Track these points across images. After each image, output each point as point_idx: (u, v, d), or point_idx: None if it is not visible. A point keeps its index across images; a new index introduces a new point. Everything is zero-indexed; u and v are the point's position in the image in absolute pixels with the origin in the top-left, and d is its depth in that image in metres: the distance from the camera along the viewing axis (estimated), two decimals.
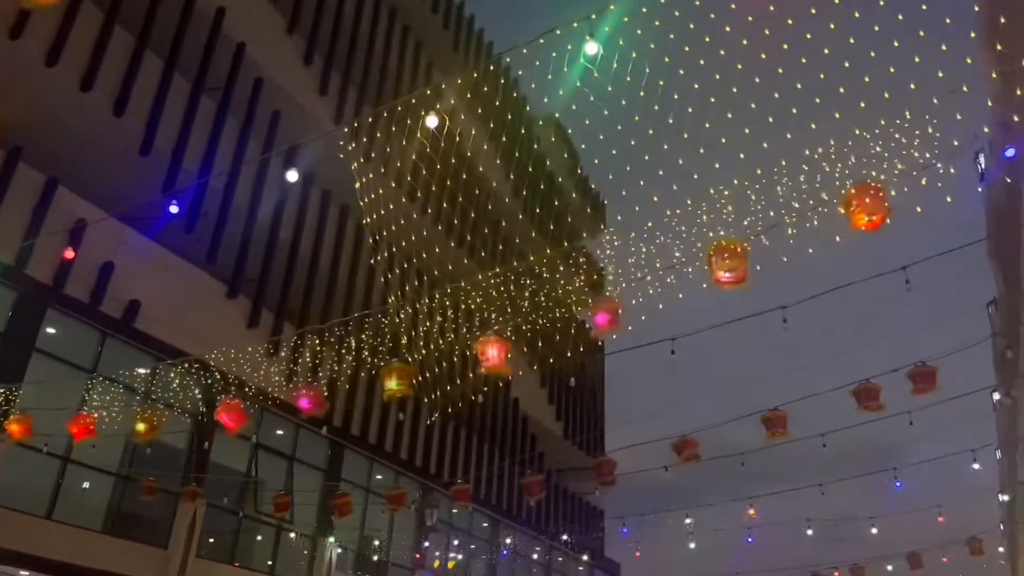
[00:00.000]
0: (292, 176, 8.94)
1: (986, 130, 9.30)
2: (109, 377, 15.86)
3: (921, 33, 7.92)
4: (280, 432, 20.60)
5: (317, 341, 21.10)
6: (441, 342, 26.09)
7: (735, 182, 8.14)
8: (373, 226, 24.91)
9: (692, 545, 17.45)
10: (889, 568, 19.96)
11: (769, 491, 16.70)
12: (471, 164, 26.39)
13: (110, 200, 14.71)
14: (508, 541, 29.35)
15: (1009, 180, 8.50)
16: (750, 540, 17.18)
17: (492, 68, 16.88)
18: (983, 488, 19.26)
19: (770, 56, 8.52)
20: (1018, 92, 8.16)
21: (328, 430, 21.82)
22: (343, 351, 21.65)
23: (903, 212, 7.58)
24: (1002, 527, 22.87)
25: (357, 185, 19.18)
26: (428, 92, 9.05)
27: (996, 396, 19.71)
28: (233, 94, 19.63)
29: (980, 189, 9.26)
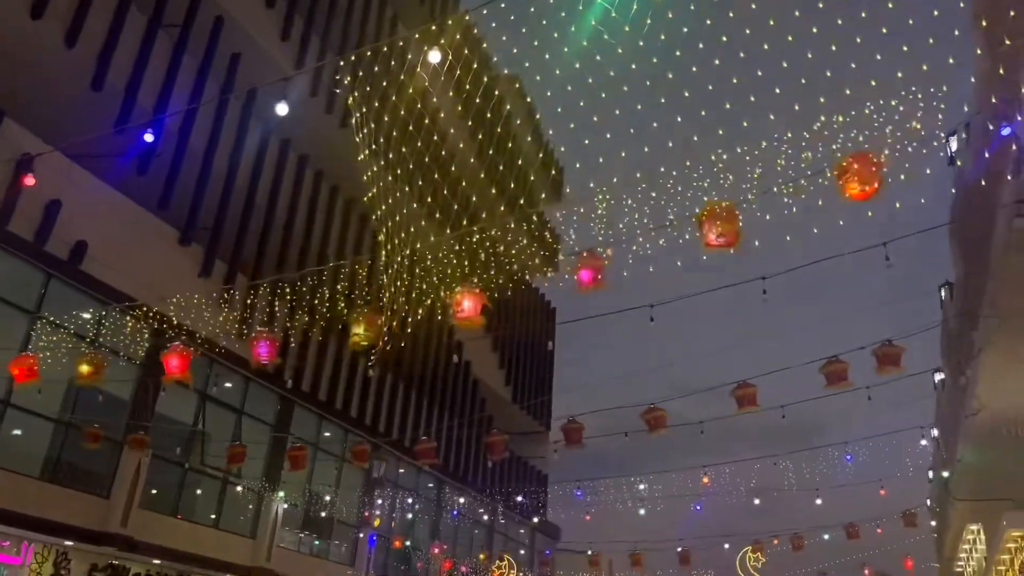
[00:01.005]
0: (282, 109, 8.46)
1: (966, 108, 9.38)
2: (53, 320, 15.25)
3: (910, 21, 7.92)
4: (229, 385, 20.14)
5: (270, 293, 20.64)
6: (397, 302, 25.82)
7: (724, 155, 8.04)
8: (331, 178, 24.45)
9: (642, 512, 17.69)
10: (826, 537, 20.62)
11: (715, 462, 17.04)
12: (434, 120, 25.97)
13: (60, 136, 13.94)
14: (461, 501, 29.44)
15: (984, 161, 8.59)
16: (698, 508, 17.52)
17: (459, 22, 16.46)
18: (920, 466, 19.99)
19: (754, 32, 8.44)
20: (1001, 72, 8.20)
21: (278, 385, 21.46)
22: (297, 305, 21.25)
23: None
24: (929, 502, 23.83)
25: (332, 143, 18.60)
26: (392, 46, 8.72)
27: (938, 376, 20.39)
28: (192, 32, 18.79)
29: (958, 164, 9.32)
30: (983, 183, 9.31)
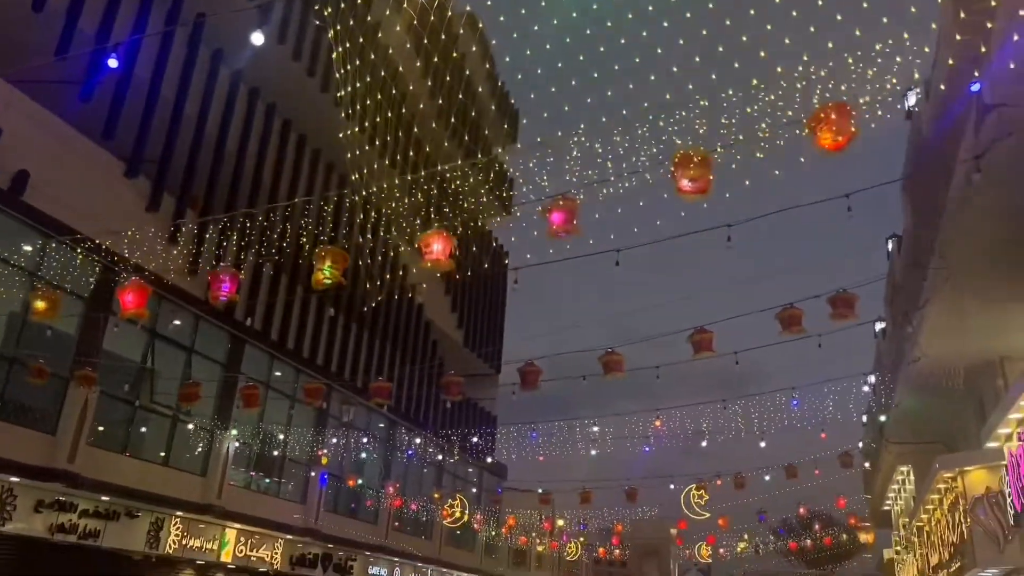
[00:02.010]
0: (258, 39, 8.11)
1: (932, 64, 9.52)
2: None
3: None
4: (178, 323, 19.76)
5: (221, 230, 20.18)
6: (349, 241, 25.51)
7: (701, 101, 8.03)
8: (284, 112, 23.77)
9: (593, 452, 18.11)
10: (767, 478, 21.44)
11: (666, 406, 17.50)
12: (389, 61, 25.34)
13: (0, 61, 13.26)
14: (411, 441, 29.68)
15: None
16: (647, 449, 18.01)
17: None
18: (860, 411, 20.81)
19: None
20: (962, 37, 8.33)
21: (229, 323, 21.14)
22: (249, 242, 20.83)
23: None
24: (862, 445, 24.95)
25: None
26: None
27: (879, 326, 21.13)
28: None
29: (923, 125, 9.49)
30: (940, 139, 9.51)
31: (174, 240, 19.04)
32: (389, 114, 28.06)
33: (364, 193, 25.05)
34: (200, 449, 20.31)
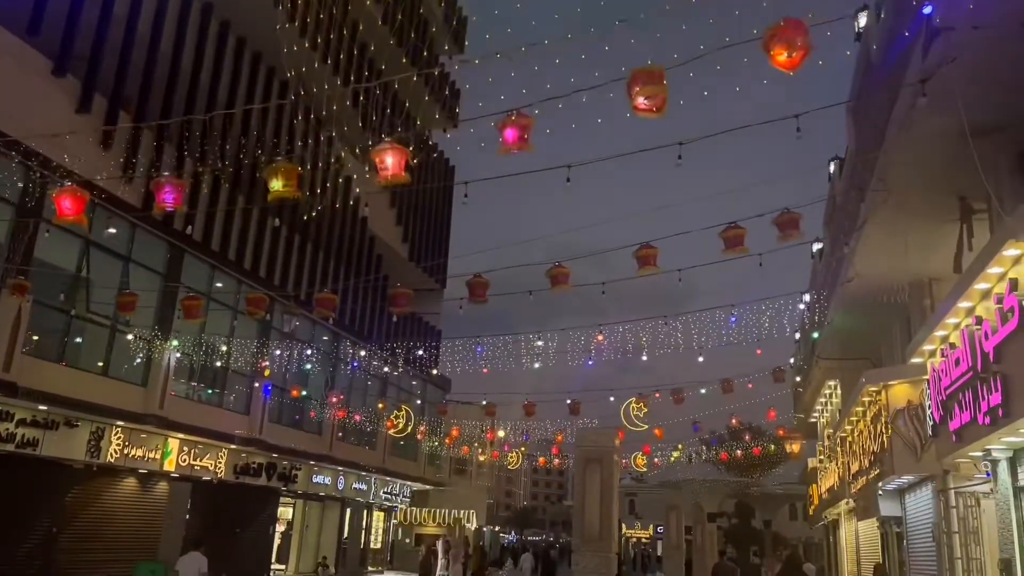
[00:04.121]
0: None
1: None
2: None
3: None
4: (113, 231, 19.11)
5: (157, 135, 19.42)
6: (291, 149, 24.82)
7: None
8: (222, 11, 22.64)
9: (537, 365, 18.44)
10: (703, 392, 22.24)
11: (611, 321, 17.81)
12: None
13: None
14: (355, 353, 29.77)
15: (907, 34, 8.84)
16: (590, 363, 18.41)
17: None
18: (793, 328, 21.56)
19: None
20: None
21: (168, 233, 20.58)
22: (188, 149, 20.11)
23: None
24: (792, 361, 25.99)
25: None
26: None
27: (816, 246, 21.72)
28: None
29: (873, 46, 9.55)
30: (888, 62, 9.61)
31: (107, 144, 18.27)
32: (333, 11, 27.01)
33: (301, 90, 24.30)
34: (140, 360, 20.04)
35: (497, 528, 64.63)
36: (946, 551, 11.77)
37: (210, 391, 23.58)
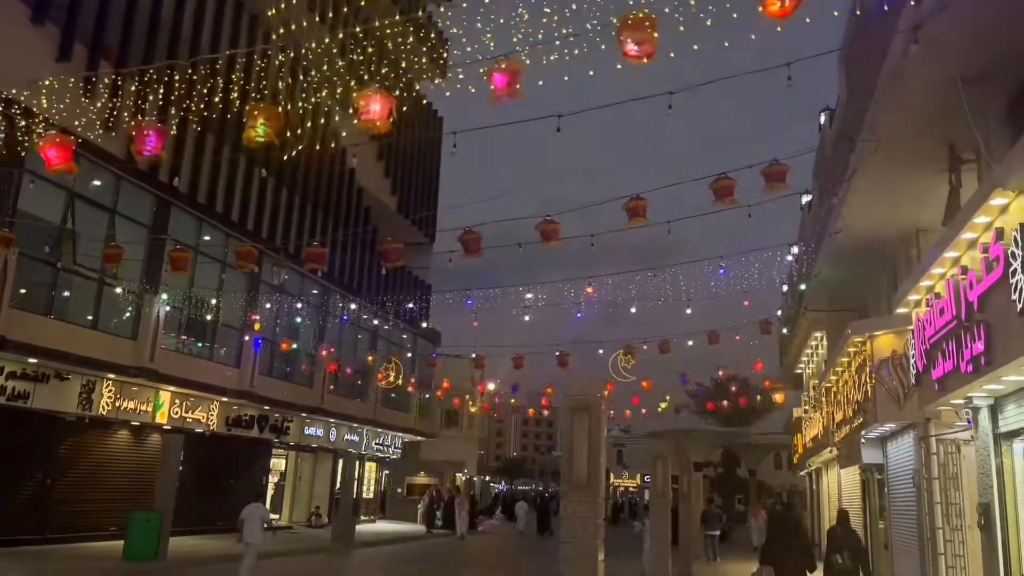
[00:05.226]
0: None
1: None
2: None
3: None
4: (98, 183, 18.91)
5: (140, 83, 19.05)
6: (276, 99, 24.44)
7: None
8: None
9: (526, 318, 18.52)
10: (690, 343, 22.39)
11: (600, 274, 17.88)
12: None
13: None
14: (345, 307, 29.80)
15: None
16: (579, 315, 18.52)
17: None
18: (780, 280, 21.68)
19: None
20: None
21: (153, 185, 20.37)
22: (171, 98, 19.74)
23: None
24: (780, 312, 26.19)
25: None
26: None
27: (806, 198, 21.74)
28: None
29: None
30: (880, 10, 9.49)
31: (89, 94, 17.95)
32: None
33: (283, 32, 23.81)
34: (129, 313, 20.00)
35: (487, 478, 65.62)
36: (926, 496, 12.05)
37: (200, 344, 23.60)
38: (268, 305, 24.17)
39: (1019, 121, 9.22)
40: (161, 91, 19.06)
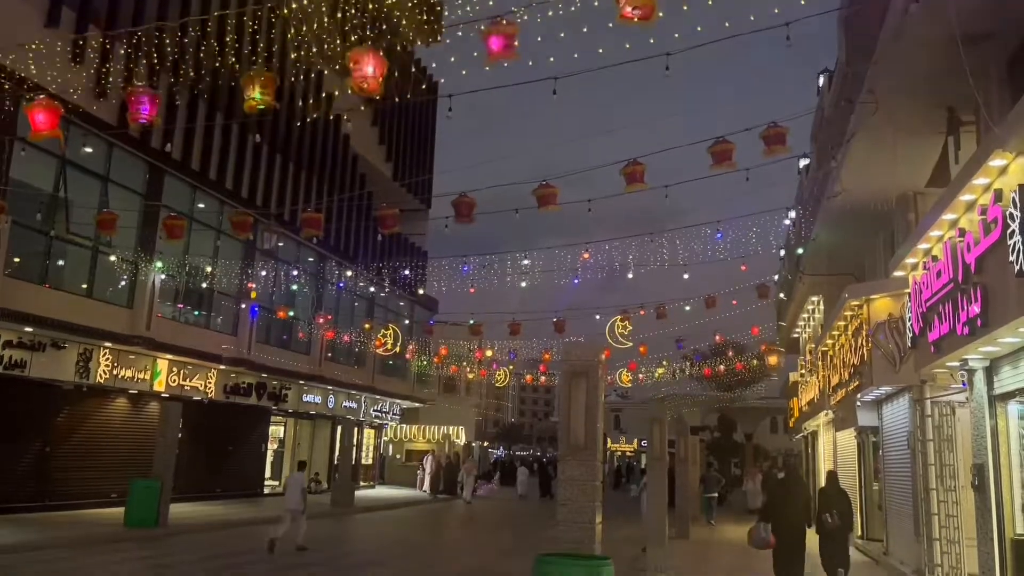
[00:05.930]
0: None
1: None
2: None
3: None
4: (90, 150, 18.71)
5: (130, 48, 18.79)
6: (270, 63, 24.13)
7: None
8: None
9: (523, 284, 18.49)
10: (687, 308, 22.42)
11: (597, 239, 17.78)
12: None
13: None
14: (342, 274, 29.74)
15: None
16: (576, 281, 18.49)
17: None
18: (777, 244, 21.62)
19: None
20: None
21: (146, 152, 20.18)
22: (162, 64, 19.51)
23: None
24: (777, 277, 26.21)
25: None
26: None
27: (803, 162, 21.61)
28: None
29: None
30: None
31: (78, 59, 17.69)
32: None
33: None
34: (125, 281, 19.93)
35: (486, 443, 66.13)
36: (920, 458, 12.14)
37: (197, 312, 23.57)
38: (264, 273, 24.09)
39: (1019, 82, 9.13)
40: (154, 55, 18.85)
